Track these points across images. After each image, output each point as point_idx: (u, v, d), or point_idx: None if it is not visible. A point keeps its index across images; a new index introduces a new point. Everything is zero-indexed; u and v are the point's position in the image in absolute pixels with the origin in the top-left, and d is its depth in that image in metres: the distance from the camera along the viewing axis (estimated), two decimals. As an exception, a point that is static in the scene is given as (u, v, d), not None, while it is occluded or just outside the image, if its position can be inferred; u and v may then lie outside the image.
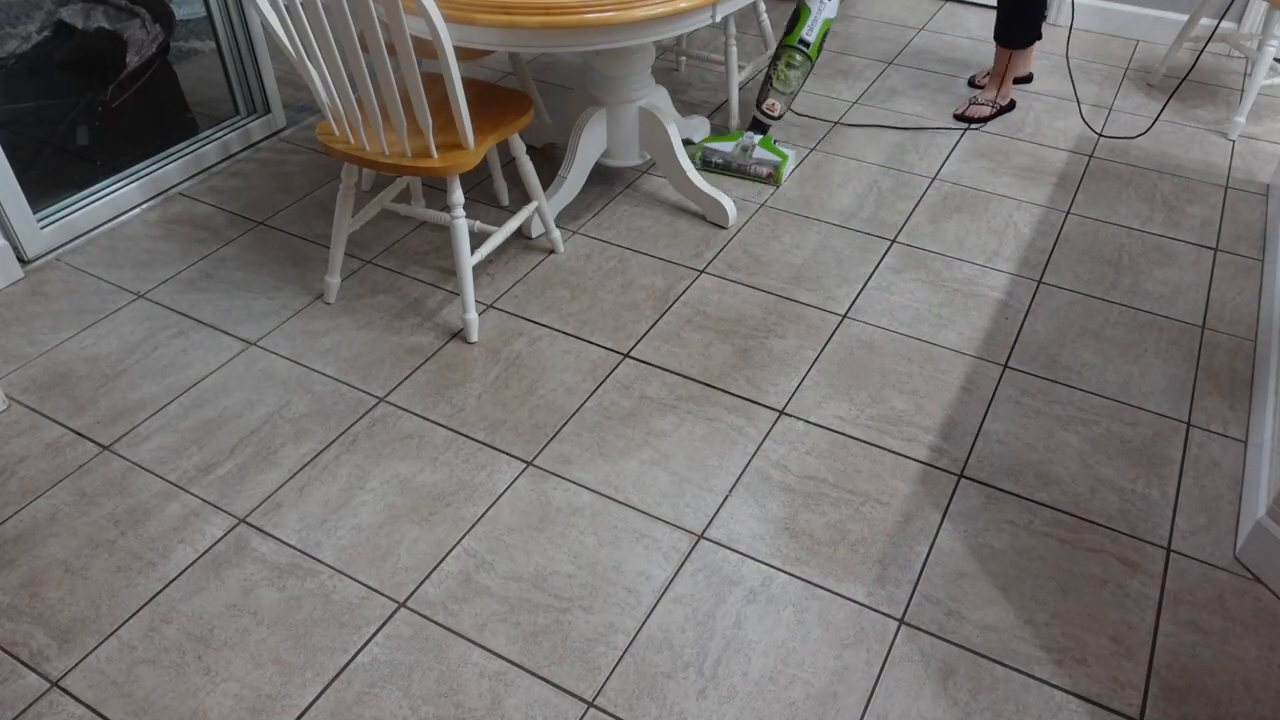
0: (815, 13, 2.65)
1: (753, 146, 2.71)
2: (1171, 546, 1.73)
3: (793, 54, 2.67)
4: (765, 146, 2.72)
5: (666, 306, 2.27)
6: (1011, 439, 1.94)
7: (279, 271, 2.38)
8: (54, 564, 1.69)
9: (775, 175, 2.68)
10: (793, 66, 2.67)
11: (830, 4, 2.65)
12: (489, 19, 1.90)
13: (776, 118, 2.78)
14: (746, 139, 2.73)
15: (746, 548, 1.72)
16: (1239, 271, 2.41)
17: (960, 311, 2.26)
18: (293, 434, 1.94)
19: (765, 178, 2.69)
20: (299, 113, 3.05)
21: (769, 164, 2.68)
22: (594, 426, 1.96)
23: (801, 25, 2.67)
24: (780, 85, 2.71)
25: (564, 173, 2.49)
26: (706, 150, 2.74)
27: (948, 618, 1.61)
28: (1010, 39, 2.94)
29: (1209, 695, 1.50)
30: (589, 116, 2.45)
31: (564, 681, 1.51)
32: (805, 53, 2.65)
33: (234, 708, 1.47)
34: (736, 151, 2.71)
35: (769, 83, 2.75)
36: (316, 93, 1.94)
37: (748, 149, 2.70)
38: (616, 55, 2.35)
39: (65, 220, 2.45)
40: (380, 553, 1.71)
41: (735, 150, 2.71)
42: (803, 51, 2.66)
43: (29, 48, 2.58)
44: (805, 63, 2.67)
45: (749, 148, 2.70)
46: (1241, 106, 2.92)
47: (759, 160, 2.68)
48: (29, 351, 2.14)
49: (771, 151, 2.71)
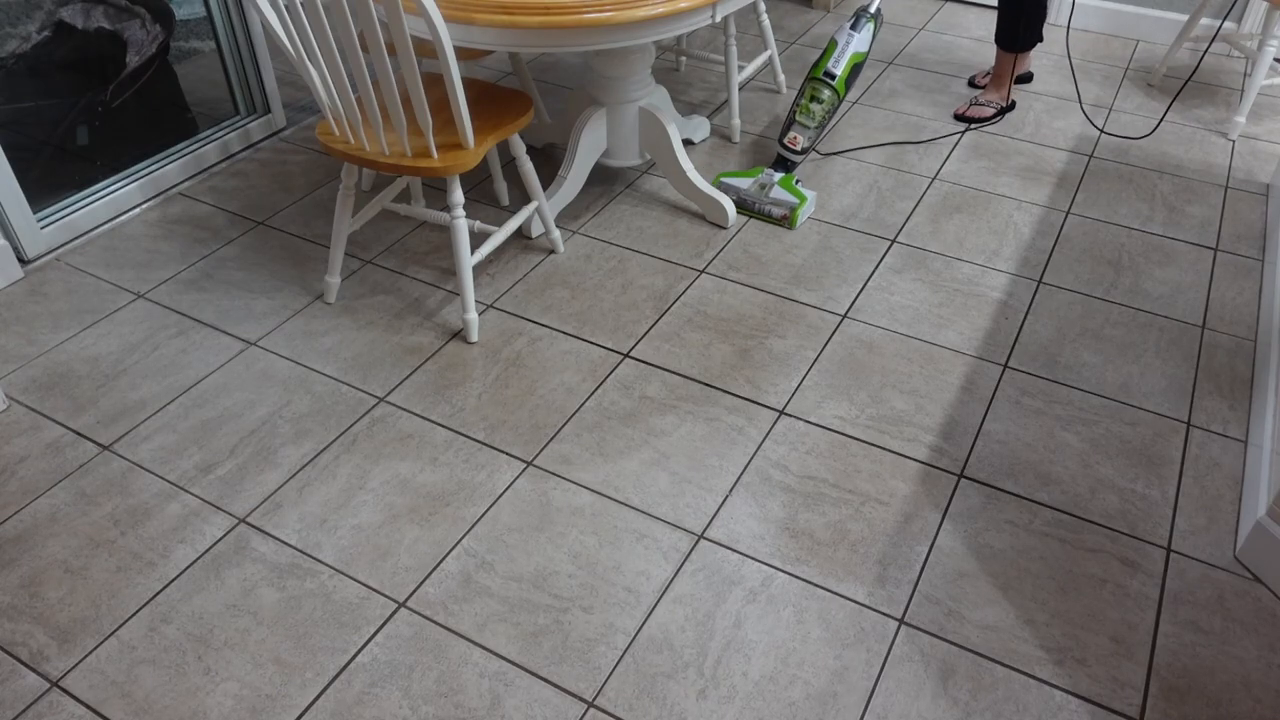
0: (842, 45, 2.55)
1: (771, 185, 2.56)
2: (1171, 546, 1.73)
3: (818, 87, 2.55)
4: (785, 186, 2.56)
5: (666, 306, 2.27)
6: (1011, 439, 1.94)
7: (279, 271, 2.38)
8: (54, 564, 1.69)
9: (790, 218, 2.52)
10: (817, 100, 2.54)
11: (859, 37, 2.55)
12: (489, 19, 1.90)
13: (799, 153, 2.61)
14: (766, 176, 2.59)
15: (746, 548, 1.72)
16: (1239, 271, 2.41)
17: (960, 311, 2.26)
18: (293, 434, 1.94)
19: (779, 219, 2.54)
20: (299, 113, 3.05)
21: (785, 205, 2.53)
22: (594, 426, 1.96)
23: (828, 57, 2.57)
24: (804, 119, 2.57)
25: (564, 173, 2.49)
26: (722, 185, 2.61)
27: (948, 618, 1.61)
28: (1012, 43, 2.93)
29: (1209, 695, 1.50)
30: (589, 117, 2.45)
31: (564, 681, 1.51)
32: (831, 85, 2.53)
33: (234, 708, 1.47)
34: (753, 188, 2.57)
35: (792, 115, 2.61)
36: (316, 93, 1.94)
37: (766, 186, 2.55)
38: (616, 55, 2.35)
39: (65, 220, 2.45)
40: (380, 553, 1.71)
41: (752, 187, 2.57)
42: (828, 84, 2.53)
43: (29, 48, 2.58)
44: (832, 97, 2.54)
45: (767, 185, 2.56)
46: (1241, 106, 2.92)
47: (775, 200, 2.53)
48: (29, 351, 2.14)
49: (790, 192, 2.55)
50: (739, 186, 2.58)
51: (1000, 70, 3.02)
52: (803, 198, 2.53)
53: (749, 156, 2.86)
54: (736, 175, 2.62)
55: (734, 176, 2.61)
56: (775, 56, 3.16)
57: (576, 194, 2.59)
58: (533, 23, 1.89)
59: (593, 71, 2.44)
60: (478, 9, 1.90)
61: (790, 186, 2.55)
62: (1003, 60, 3.01)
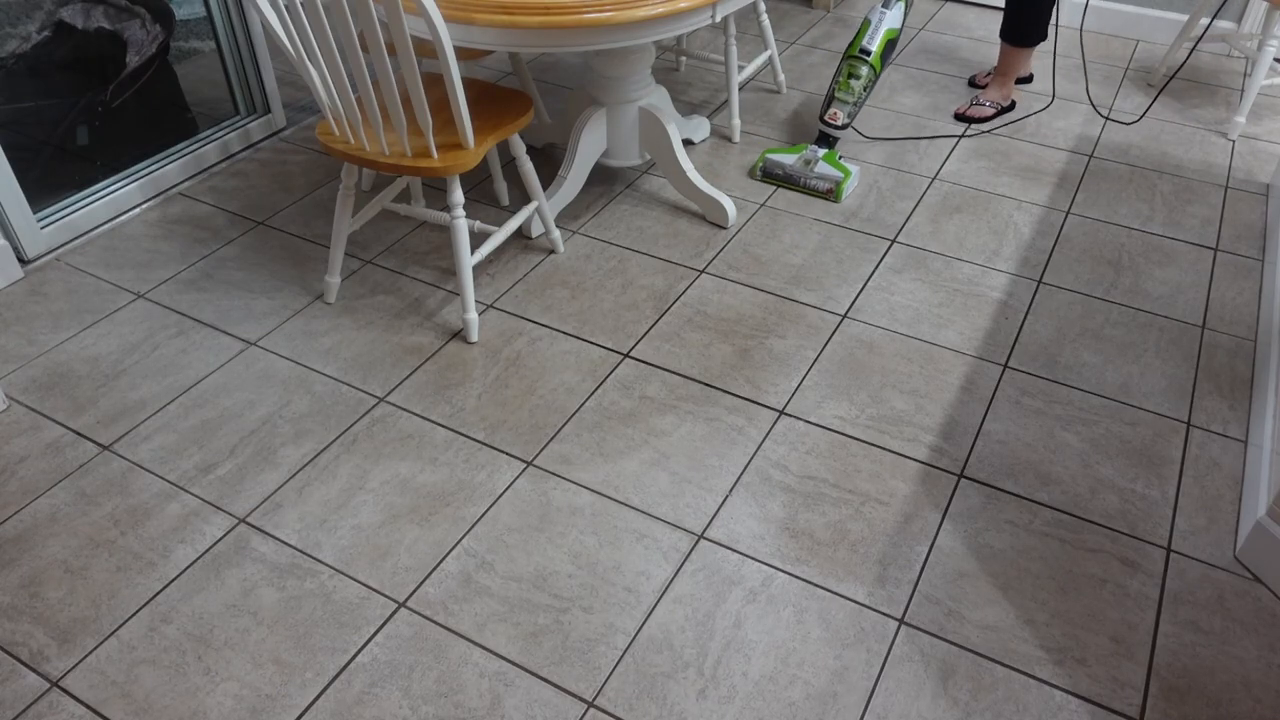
0: (876, 23, 2.64)
1: (816, 160, 2.63)
2: (1171, 546, 1.73)
3: (856, 64, 2.63)
4: (829, 161, 2.64)
5: (666, 306, 2.27)
6: (1011, 439, 1.94)
7: (279, 271, 2.38)
8: (54, 564, 1.69)
9: (835, 192, 2.59)
10: (855, 76, 2.62)
11: (891, 14, 2.63)
12: (489, 19, 1.90)
13: (840, 127, 2.68)
14: (810, 152, 2.66)
15: (746, 548, 1.72)
16: (1239, 271, 2.41)
17: (960, 311, 2.26)
18: (293, 434, 1.94)
19: (825, 193, 2.61)
20: (299, 113, 3.05)
21: (830, 179, 2.59)
22: (594, 426, 1.96)
23: (862, 35, 2.65)
24: (843, 94, 2.64)
25: (564, 173, 2.49)
26: (768, 162, 2.67)
27: (948, 618, 1.61)
28: (1020, 37, 2.92)
29: (1209, 695, 1.50)
30: (589, 117, 2.45)
31: (564, 681, 1.51)
32: (867, 61, 2.61)
33: (234, 708, 1.47)
34: (799, 164, 2.63)
35: (831, 92, 2.69)
36: (316, 93, 1.94)
37: (810, 162, 2.62)
38: (617, 55, 2.35)
39: (65, 220, 2.45)
40: (380, 553, 1.71)
41: (798, 163, 2.64)
42: (865, 61, 2.61)
43: (29, 48, 2.58)
44: (870, 72, 2.62)
45: (812, 161, 2.62)
46: (1241, 106, 2.92)
47: (820, 175, 2.60)
48: (29, 351, 2.14)
49: (835, 166, 2.62)
50: (784, 163, 2.65)
51: (1005, 67, 3.01)
52: (847, 172, 2.60)
53: (749, 156, 2.86)
54: (781, 151, 2.69)
55: (779, 153, 2.68)
56: (775, 56, 3.16)
57: (576, 194, 2.59)
58: (533, 23, 1.89)
59: (593, 71, 2.44)
60: (478, 9, 1.90)
61: (834, 161, 2.62)
62: (1008, 56, 2.99)
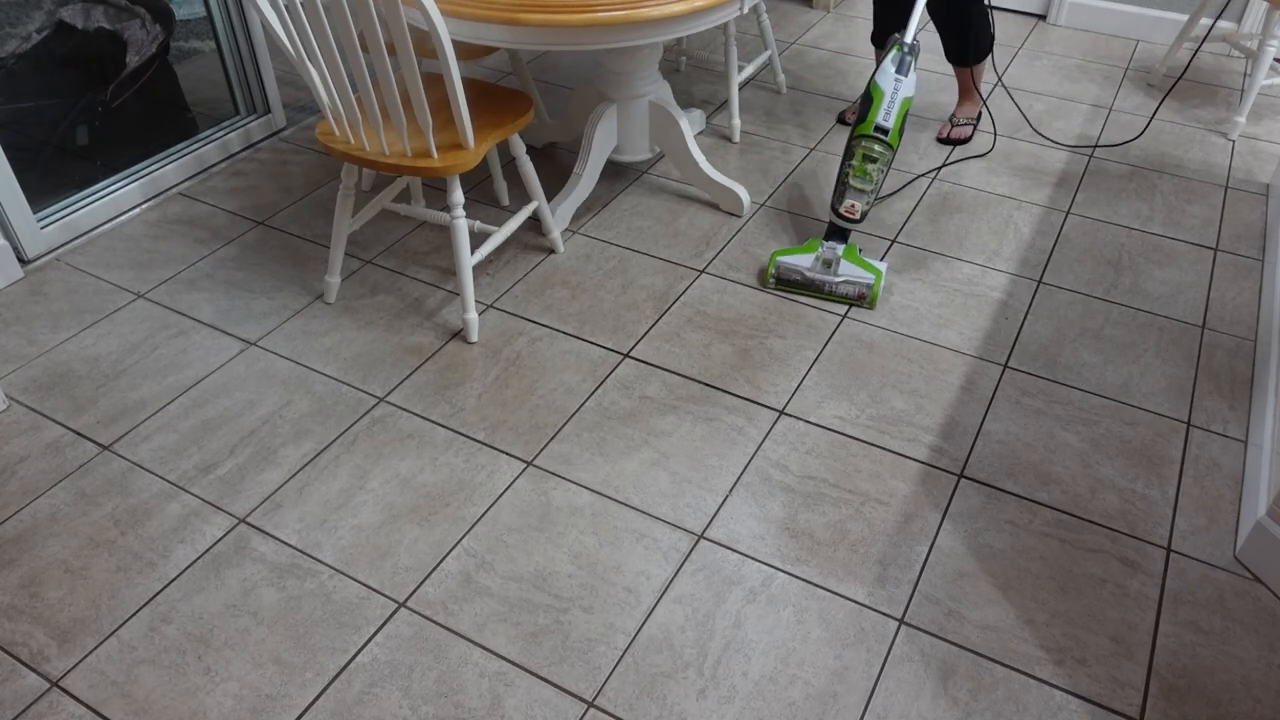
0: (890, 94, 2.20)
1: (836, 260, 2.25)
2: (1171, 546, 1.73)
3: (871, 145, 2.21)
4: (851, 259, 2.27)
5: (666, 306, 2.27)
6: (1011, 439, 1.94)
7: (279, 271, 2.38)
8: (54, 564, 1.69)
9: (870, 298, 2.24)
10: (871, 159, 2.21)
11: (907, 81, 2.21)
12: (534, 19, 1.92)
13: (858, 220, 2.29)
14: (827, 250, 2.27)
15: (746, 548, 1.72)
16: (1239, 271, 2.41)
17: (960, 311, 2.26)
18: (293, 434, 1.94)
19: (857, 299, 2.25)
20: (299, 113, 3.05)
21: (859, 282, 2.23)
22: (594, 426, 1.96)
23: (876, 110, 2.20)
24: (859, 183, 2.23)
25: (579, 169, 2.49)
26: (781, 267, 2.29)
27: (948, 618, 1.61)
28: (967, 56, 2.78)
29: (1209, 695, 1.50)
30: (601, 112, 2.45)
31: (564, 681, 1.51)
32: (884, 141, 2.20)
33: (234, 708, 1.47)
34: (818, 266, 2.26)
35: (844, 180, 2.27)
36: (316, 93, 1.94)
37: (830, 263, 2.25)
38: (629, 51, 2.36)
39: (65, 220, 2.45)
40: (380, 553, 1.71)
41: (816, 265, 2.26)
42: (881, 140, 2.20)
43: (29, 48, 2.58)
44: (886, 152, 2.21)
45: (832, 261, 2.25)
46: (1241, 106, 2.92)
47: (848, 278, 2.24)
48: (29, 351, 2.14)
49: (859, 265, 2.26)
50: (800, 267, 2.29)
51: (965, 84, 2.91)
52: (877, 272, 2.25)
53: (749, 156, 2.86)
54: (793, 252, 2.32)
55: (791, 254, 2.31)
56: (775, 56, 3.16)
57: (591, 190, 2.58)
58: (579, 21, 1.92)
59: (602, 68, 2.44)
60: (523, 9, 1.93)
61: (857, 258, 2.28)
62: (964, 75, 2.88)
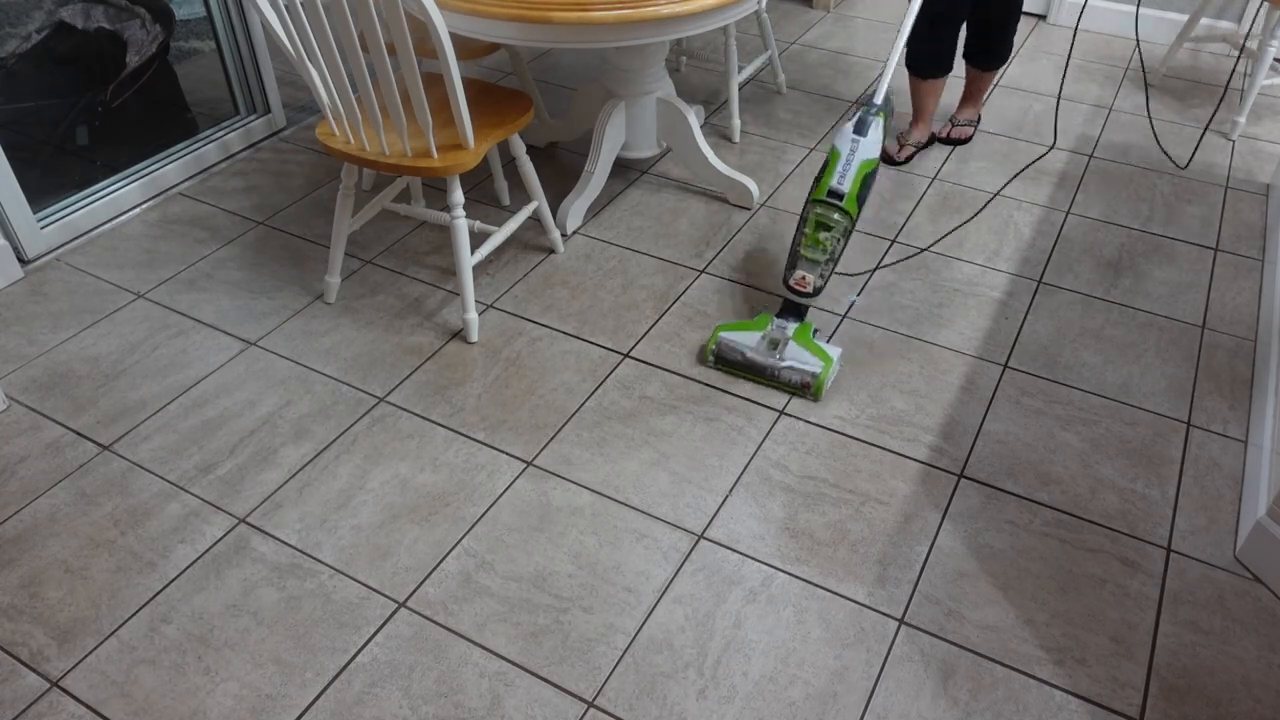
0: (847, 154, 1.97)
1: (785, 341, 2.02)
2: (1171, 546, 1.73)
3: (825, 211, 1.98)
4: (802, 341, 2.03)
5: (666, 306, 2.27)
6: (1011, 439, 1.94)
7: (279, 271, 2.38)
8: (54, 564, 1.69)
9: (814, 388, 1.98)
10: (826, 226, 1.97)
11: (867, 142, 1.97)
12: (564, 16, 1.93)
13: (811, 294, 2.05)
14: (776, 329, 2.04)
15: (746, 548, 1.72)
16: (1239, 271, 2.41)
17: (960, 311, 2.26)
18: (293, 434, 1.94)
19: (799, 387, 1.99)
20: (299, 113, 3.05)
21: (804, 370, 1.98)
22: (594, 426, 1.96)
23: (830, 173, 1.98)
24: (811, 252, 2.00)
25: (590, 168, 2.50)
26: (722, 345, 2.04)
27: (948, 618, 1.61)
28: (996, 61, 2.74)
29: (1209, 695, 1.50)
30: (611, 110, 2.46)
31: (564, 681, 1.51)
32: (841, 207, 1.97)
33: (234, 708, 1.47)
34: (761, 347, 2.02)
35: (795, 249, 2.04)
36: (316, 93, 1.94)
37: (778, 344, 2.01)
38: (637, 48, 2.37)
39: (65, 220, 2.45)
40: (380, 553, 1.71)
41: (760, 345, 2.02)
42: (837, 206, 1.97)
43: (29, 47, 2.58)
44: (844, 219, 1.98)
45: (779, 342, 2.02)
46: (1241, 106, 2.92)
47: (791, 364, 1.99)
48: (29, 351, 2.14)
49: (809, 349, 2.02)
50: (742, 346, 2.03)
51: (980, 89, 2.85)
52: (827, 359, 2.01)
53: (749, 156, 2.86)
54: (739, 328, 2.06)
55: (736, 330, 2.06)
56: (775, 56, 3.16)
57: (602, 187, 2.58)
58: (609, 18, 1.93)
59: (611, 65, 2.45)
60: (554, 7, 1.94)
61: (808, 341, 2.04)
62: (982, 80, 2.82)
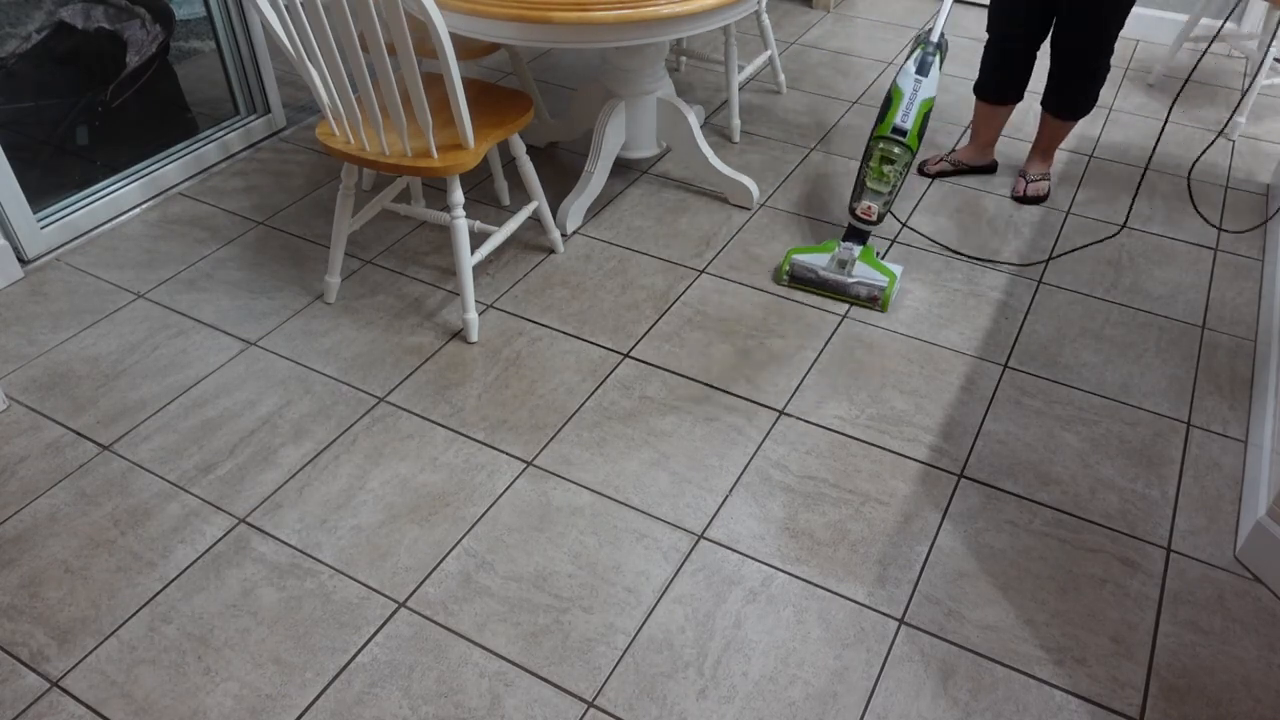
0: (910, 94, 2.14)
1: (852, 260, 2.23)
2: (1171, 546, 1.73)
3: (889, 146, 2.16)
4: (868, 261, 2.25)
5: (666, 306, 2.27)
6: (1011, 439, 1.94)
7: (279, 271, 2.38)
8: (54, 564, 1.69)
9: (882, 301, 2.22)
10: (889, 160, 2.15)
11: (928, 82, 2.14)
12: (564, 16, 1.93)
13: (874, 222, 2.26)
14: (843, 250, 2.24)
15: (746, 548, 1.72)
16: (1239, 271, 2.41)
17: (960, 311, 2.26)
18: (293, 434, 1.94)
19: (868, 301, 2.23)
20: (299, 113, 3.05)
21: (873, 284, 2.21)
22: (594, 426, 1.96)
23: (895, 111, 2.15)
24: (876, 184, 2.18)
25: (590, 168, 2.50)
26: (795, 265, 2.27)
27: (948, 618, 1.61)
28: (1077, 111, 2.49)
29: (1209, 695, 1.50)
30: (611, 110, 2.46)
31: (564, 681, 1.51)
32: (903, 142, 2.14)
33: (234, 708, 1.47)
34: (832, 265, 2.24)
35: (861, 181, 2.24)
36: (316, 93, 1.94)
37: (846, 263, 2.22)
38: (637, 48, 2.37)
39: (65, 220, 2.45)
40: (380, 553, 1.71)
41: (831, 264, 2.24)
42: (900, 142, 2.14)
43: (29, 47, 2.58)
44: (905, 154, 2.15)
45: (847, 261, 2.22)
46: (1241, 106, 2.92)
47: (861, 279, 2.22)
48: (29, 351, 2.14)
49: (874, 268, 2.24)
50: (815, 265, 2.27)
51: (1055, 140, 2.60)
52: (891, 275, 2.24)
53: (749, 156, 2.86)
54: (809, 251, 2.30)
55: (807, 252, 2.30)
56: (775, 56, 3.16)
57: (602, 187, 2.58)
58: (609, 18, 1.93)
59: (611, 65, 2.45)
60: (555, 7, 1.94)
61: (873, 261, 2.26)
62: (1059, 130, 2.57)
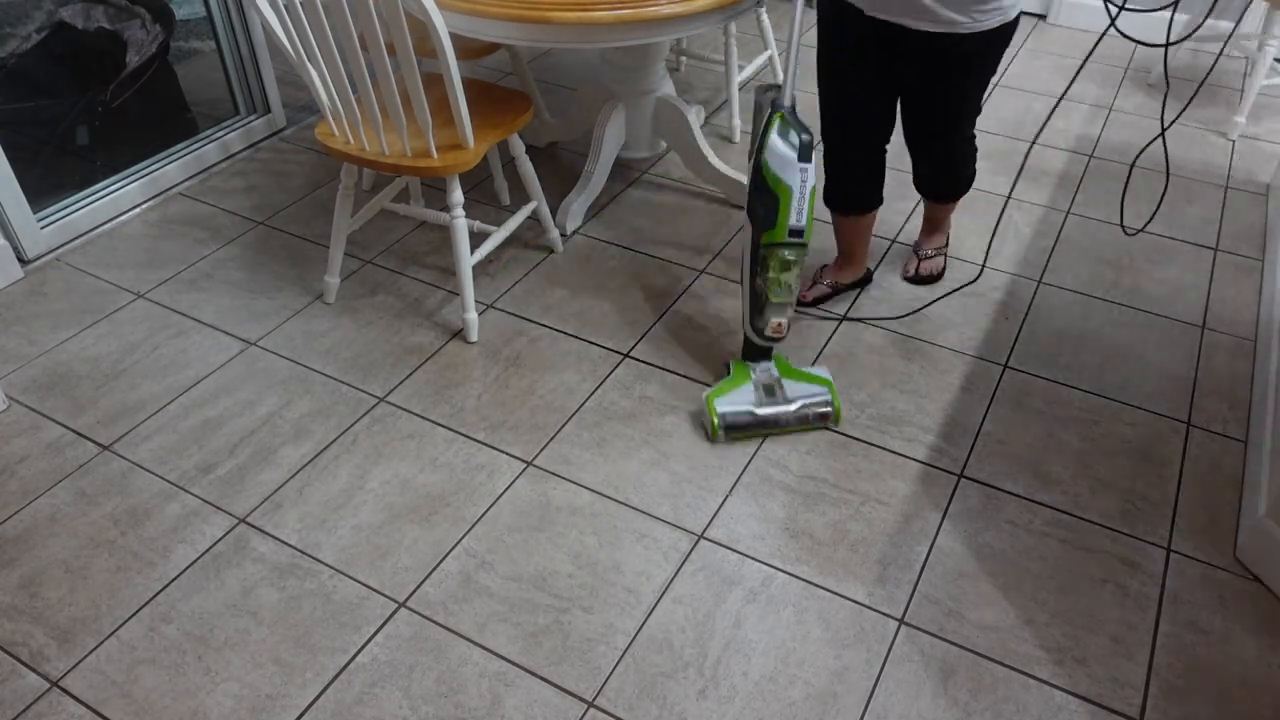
0: (799, 189, 1.79)
1: (777, 383, 1.97)
2: (1171, 546, 1.73)
3: (787, 252, 1.85)
4: (789, 376, 1.99)
5: (666, 306, 2.27)
6: (1011, 439, 1.93)
7: (279, 271, 2.38)
8: (54, 564, 1.69)
9: (834, 415, 1.95)
10: (788, 267, 1.86)
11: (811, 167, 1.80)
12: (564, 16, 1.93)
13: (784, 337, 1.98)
14: (764, 373, 1.99)
15: (746, 548, 1.72)
16: (1239, 271, 2.41)
17: (960, 311, 2.26)
18: (293, 434, 1.94)
19: (819, 420, 1.95)
20: (299, 113, 3.05)
21: (817, 403, 1.94)
22: (594, 426, 1.96)
23: (785, 211, 1.80)
24: (780, 296, 1.90)
25: (590, 167, 2.50)
26: (726, 417, 1.91)
27: (948, 618, 1.61)
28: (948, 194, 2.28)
29: (1209, 695, 1.50)
30: (611, 110, 2.46)
31: (564, 681, 1.51)
32: (801, 243, 1.85)
33: (234, 708, 1.47)
34: (761, 397, 1.94)
35: (761, 298, 1.91)
36: (316, 93, 1.94)
37: (773, 389, 1.95)
38: (638, 48, 2.37)
39: (65, 220, 2.45)
40: (380, 553, 1.71)
41: (759, 396, 1.94)
42: (797, 244, 1.85)
43: (29, 47, 2.58)
44: (804, 252, 1.86)
45: (773, 386, 1.96)
46: (1241, 106, 2.92)
47: (802, 402, 1.93)
48: (29, 351, 2.14)
49: (803, 380, 1.98)
50: (745, 408, 1.93)
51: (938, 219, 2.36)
52: (824, 381, 1.98)
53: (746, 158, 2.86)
54: (726, 390, 1.96)
55: (726, 393, 1.95)
56: (775, 56, 3.16)
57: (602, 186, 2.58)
58: (609, 18, 1.93)
59: (611, 65, 2.45)
60: (556, 7, 1.94)
61: (795, 373, 2.00)
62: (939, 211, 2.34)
